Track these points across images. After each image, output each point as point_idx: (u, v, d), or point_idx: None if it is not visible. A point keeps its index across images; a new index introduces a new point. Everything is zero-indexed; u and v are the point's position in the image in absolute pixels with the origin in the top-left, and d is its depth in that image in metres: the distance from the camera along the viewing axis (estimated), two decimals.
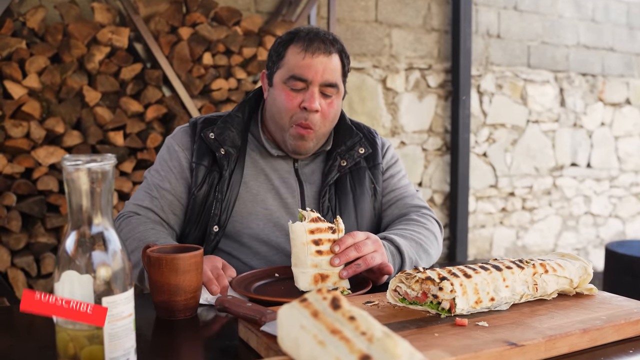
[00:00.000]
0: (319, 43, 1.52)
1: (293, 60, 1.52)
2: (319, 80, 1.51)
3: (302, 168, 1.66)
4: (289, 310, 0.72)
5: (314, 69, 1.51)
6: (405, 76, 4.03)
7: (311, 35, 1.53)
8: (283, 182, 1.62)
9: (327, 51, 1.52)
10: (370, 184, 1.66)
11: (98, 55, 2.77)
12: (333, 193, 1.62)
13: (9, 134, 2.61)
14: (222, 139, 1.57)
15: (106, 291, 0.83)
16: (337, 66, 1.55)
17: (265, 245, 1.58)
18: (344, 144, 1.65)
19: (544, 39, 4.61)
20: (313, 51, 1.51)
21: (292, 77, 1.52)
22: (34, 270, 2.67)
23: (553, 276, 1.17)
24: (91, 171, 0.83)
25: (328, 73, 1.52)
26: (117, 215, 1.55)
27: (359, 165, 1.66)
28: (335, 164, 1.62)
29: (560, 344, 0.97)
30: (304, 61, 1.51)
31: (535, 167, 4.68)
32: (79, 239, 0.84)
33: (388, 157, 1.74)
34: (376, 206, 1.68)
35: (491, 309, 1.10)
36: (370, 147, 1.68)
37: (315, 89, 1.52)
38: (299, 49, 1.52)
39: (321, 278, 1.29)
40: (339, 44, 1.57)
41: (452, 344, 0.93)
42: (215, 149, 1.57)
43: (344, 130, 1.68)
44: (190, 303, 1.18)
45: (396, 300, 1.12)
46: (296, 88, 1.52)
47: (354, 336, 0.63)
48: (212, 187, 1.56)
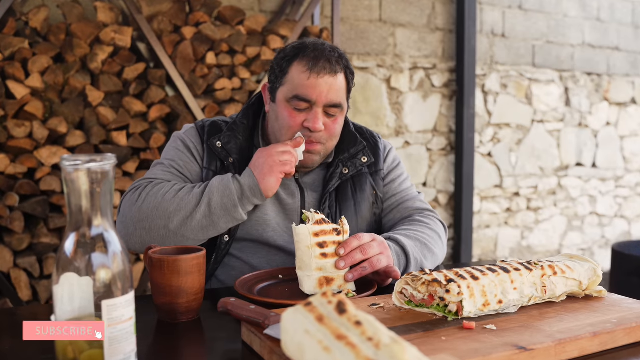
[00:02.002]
0: (325, 62, 1.47)
1: (297, 79, 1.48)
2: (324, 101, 1.48)
3: (303, 177, 1.64)
4: (293, 315, 0.70)
5: (319, 90, 1.47)
6: (410, 76, 4.01)
7: (317, 54, 1.48)
8: (285, 190, 1.60)
9: (332, 71, 1.48)
10: (372, 190, 1.65)
11: (101, 54, 2.75)
12: (334, 200, 1.60)
13: (12, 134, 2.60)
14: (229, 148, 1.55)
15: (106, 294, 0.82)
16: (342, 85, 1.52)
17: (266, 247, 1.57)
18: (347, 152, 1.63)
19: (549, 38, 4.58)
20: (318, 71, 1.46)
21: (296, 97, 1.48)
22: (36, 270, 2.66)
23: (562, 278, 1.15)
24: (91, 171, 0.81)
25: (333, 94, 1.48)
26: (131, 187, 1.48)
27: (360, 171, 1.64)
28: (337, 171, 1.61)
29: (570, 348, 0.95)
30: (308, 81, 1.47)
31: (540, 167, 4.66)
32: (79, 241, 0.82)
33: (389, 161, 1.72)
34: (377, 212, 1.66)
35: (499, 312, 1.08)
36: (373, 156, 1.66)
37: (319, 110, 1.49)
38: (304, 68, 1.48)
39: (326, 281, 1.28)
40: (344, 61, 1.53)
41: (459, 347, 0.91)
42: (224, 157, 1.55)
43: (348, 138, 1.65)
44: (193, 305, 1.16)
45: (402, 302, 1.10)
46: (300, 108, 1.49)
47: (360, 342, 0.61)
48: None
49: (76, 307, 0.82)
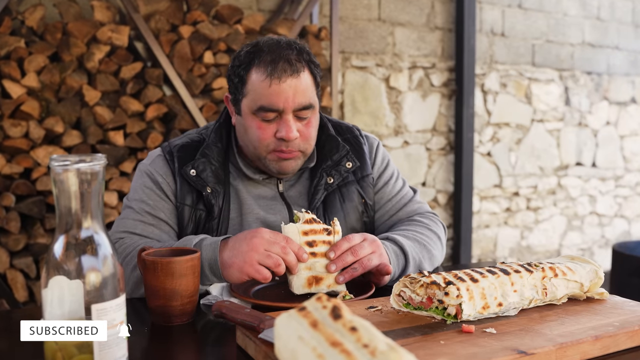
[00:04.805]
0: (284, 64, 1.35)
1: (259, 88, 1.37)
2: (292, 106, 1.37)
3: (288, 191, 1.54)
4: (287, 320, 0.68)
5: (284, 96, 1.35)
6: (409, 75, 3.99)
7: (274, 56, 1.36)
8: (270, 211, 1.51)
9: (294, 72, 1.36)
10: (360, 199, 1.55)
11: (98, 54, 2.73)
12: (321, 213, 1.51)
13: (8, 133, 2.58)
14: (205, 177, 1.44)
15: (96, 298, 0.80)
16: (309, 83, 1.40)
17: None
18: (330, 159, 1.52)
19: (548, 37, 4.56)
20: (279, 75, 1.34)
21: (262, 108, 1.37)
22: (33, 271, 2.64)
23: (563, 280, 1.13)
24: (80, 172, 0.79)
25: (300, 96, 1.37)
26: None
27: (346, 180, 1.54)
28: (321, 182, 1.51)
29: (571, 352, 0.93)
30: (270, 89, 1.35)
31: (539, 166, 4.64)
32: (68, 243, 0.80)
33: (378, 163, 1.62)
34: (366, 221, 1.58)
35: (499, 315, 1.06)
36: (358, 160, 1.54)
37: (289, 117, 1.38)
38: (263, 75, 1.36)
39: (315, 280, 1.26)
40: (305, 55, 1.41)
41: (458, 352, 0.89)
42: (201, 188, 1.44)
43: (329, 143, 1.54)
44: (187, 308, 1.14)
45: (400, 305, 1.08)
46: (268, 119, 1.39)
47: (355, 349, 0.59)
48: (199, 226, 1.46)
49: (66, 311, 0.80)
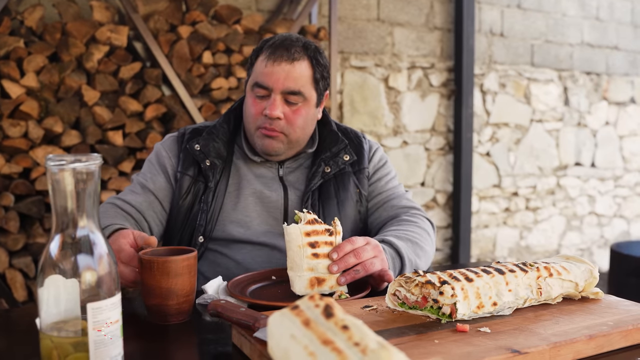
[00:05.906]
0: (282, 50, 1.52)
1: (258, 68, 1.55)
2: (280, 87, 1.51)
3: (287, 175, 1.66)
4: (280, 319, 0.68)
5: (275, 77, 1.51)
6: (408, 75, 4.00)
7: (277, 43, 1.54)
8: (267, 188, 1.63)
9: (290, 58, 1.51)
10: (355, 188, 1.66)
11: (97, 54, 2.74)
12: (317, 198, 1.62)
13: (7, 133, 2.58)
14: (207, 151, 1.59)
15: (92, 296, 0.80)
16: (304, 73, 1.53)
17: (249, 244, 1.59)
18: (329, 150, 1.65)
19: (547, 37, 4.57)
20: (275, 59, 1.51)
21: (256, 84, 1.54)
22: (32, 271, 2.64)
23: (558, 280, 1.13)
24: (76, 172, 0.80)
25: (290, 81, 1.51)
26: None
27: (343, 170, 1.66)
28: (319, 170, 1.63)
29: (565, 351, 0.93)
30: (266, 69, 1.52)
31: (538, 166, 4.64)
32: (64, 242, 0.81)
33: (375, 161, 1.73)
34: (361, 211, 1.67)
35: (494, 314, 1.06)
36: (355, 154, 1.67)
37: (277, 97, 1.52)
38: (264, 57, 1.54)
39: (317, 282, 1.26)
40: (310, 51, 1.56)
41: (452, 351, 0.89)
42: (201, 160, 1.59)
43: (330, 137, 1.68)
44: (183, 307, 1.14)
45: (395, 304, 1.09)
46: (259, 95, 1.54)
47: (346, 347, 0.59)
48: (197, 197, 1.59)
49: (62, 310, 0.81)
